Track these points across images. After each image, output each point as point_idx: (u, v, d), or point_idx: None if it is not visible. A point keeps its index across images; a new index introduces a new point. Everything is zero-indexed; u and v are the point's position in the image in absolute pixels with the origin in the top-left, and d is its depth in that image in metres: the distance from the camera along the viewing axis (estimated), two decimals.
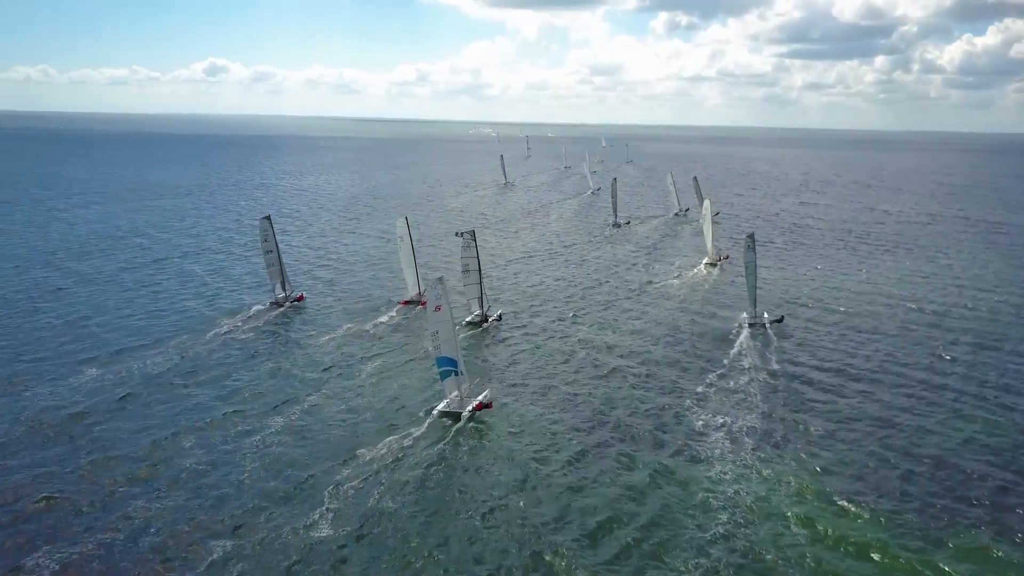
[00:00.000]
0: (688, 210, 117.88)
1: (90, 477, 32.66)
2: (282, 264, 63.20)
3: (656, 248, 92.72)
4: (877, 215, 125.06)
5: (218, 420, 38.93)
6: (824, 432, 37.94)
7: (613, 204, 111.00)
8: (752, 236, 57.56)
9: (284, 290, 62.56)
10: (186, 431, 37.28)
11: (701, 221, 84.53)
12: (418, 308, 59.84)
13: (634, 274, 76.63)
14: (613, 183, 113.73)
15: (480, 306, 58.31)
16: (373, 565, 27.03)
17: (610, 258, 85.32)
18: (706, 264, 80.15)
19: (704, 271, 78.08)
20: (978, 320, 59.82)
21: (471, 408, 39.23)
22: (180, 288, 67.11)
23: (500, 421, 39.02)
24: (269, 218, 63.17)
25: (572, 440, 36.82)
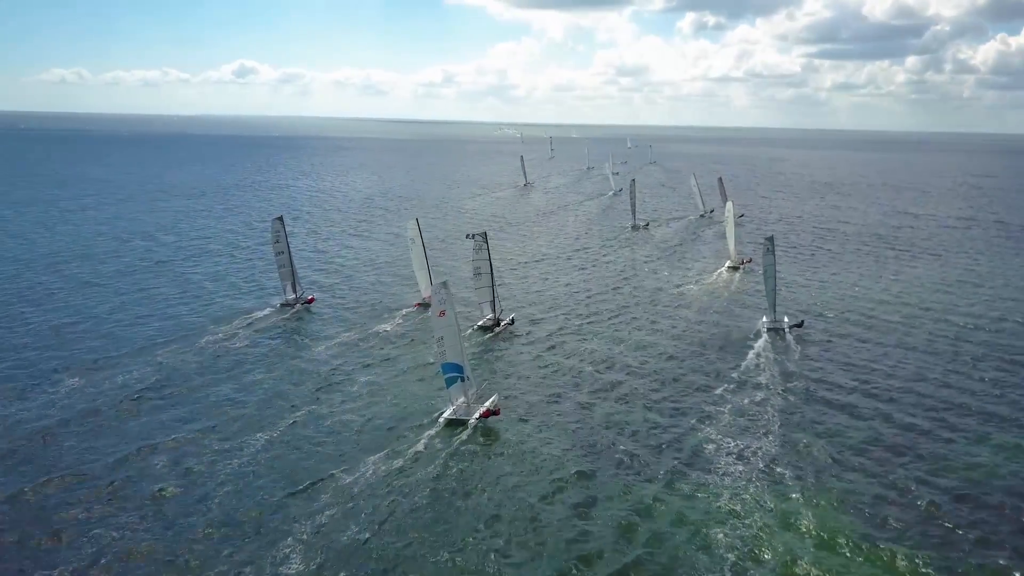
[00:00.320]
0: (713, 211, 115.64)
1: (37, 502, 30.41)
2: (293, 266, 62.44)
3: (676, 251, 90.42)
4: (906, 219, 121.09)
5: (206, 431, 37.36)
6: (840, 459, 34.94)
7: (632, 206, 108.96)
8: (771, 239, 56.12)
9: (294, 292, 61.71)
10: (162, 446, 35.38)
11: (724, 223, 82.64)
12: (430, 311, 58.88)
13: (651, 278, 74.42)
14: (631, 184, 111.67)
15: (492, 310, 56.91)
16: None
17: (627, 262, 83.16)
18: (728, 267, 78.17)
19: (725, 274, 75.93)
20: (1010, 334, 55.84)
21: (478, 415, 38.08)
22: (180, 292, 65.51)
23: (507, 429, 37.79)
24: (281, 219, 62.39)
25: (579, 456, 34.98)
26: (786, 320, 56.12)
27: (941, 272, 78.18)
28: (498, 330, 55.56)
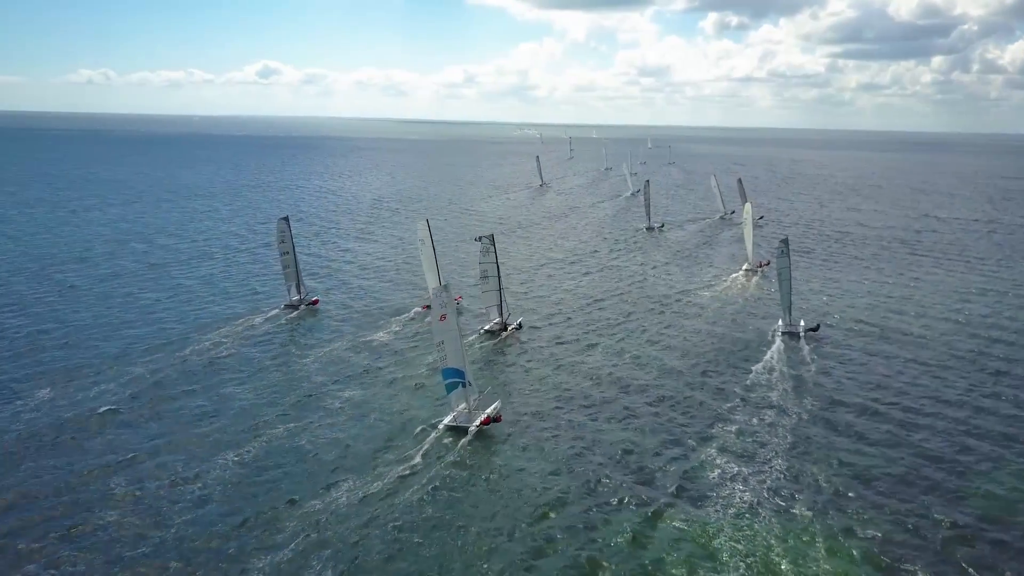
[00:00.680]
0: (734, 212, 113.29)
1: None
2: (298, 267, 61.88)
3: (691, 255, 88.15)
4: (929, 222, 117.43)
5: (200, 435, 36.50)
6: (850, 490, 32.02)
7: (646, 207, 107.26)
8: (786, 240, 54.98)
9: (299, 293, 61.07)
10: (123, 466, 33.40)
11: (742, 226, 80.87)
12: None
13: (664, 283, 72.40)
14: (646, 185, 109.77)
15: (499, 314, 55.59)
16: None
17: (640, 265, 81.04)
18: (745, 270, 76.45)
19: (742, 278, 74.14)
20: None
21: (478, 423, 37.11)
22: (170, 296, 63.83)
23: (508, 439, 36.79)
24: (287, 219, 61.79)
25: (576, 477, 33.18)
26: (802, 324, 54.96)
27: (963, 279, 74.96)
28: (505, 335, 54.23)
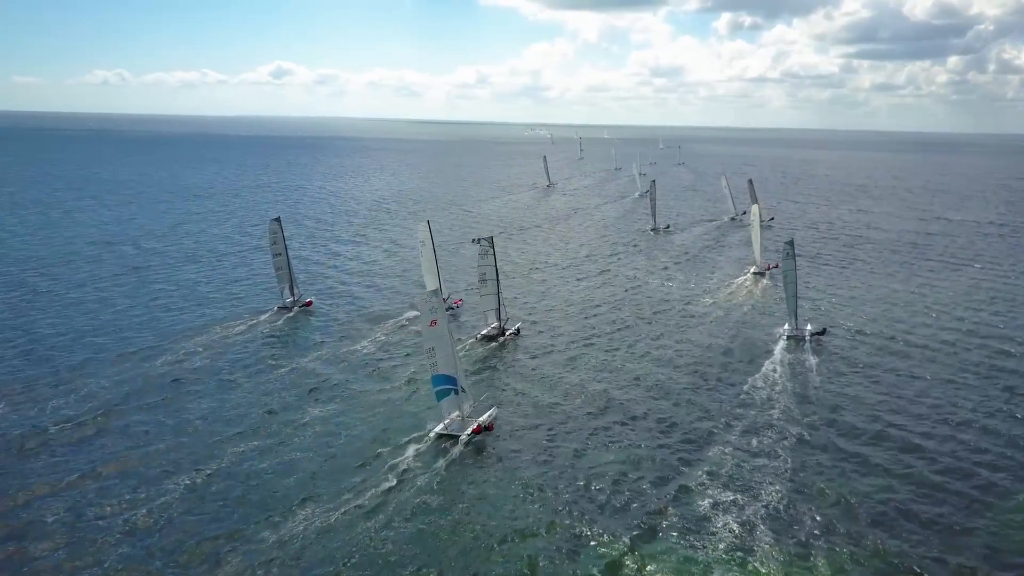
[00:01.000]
0: (745, 214, 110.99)
1: None
2: (291, 268, 60.93)
3: (697, 258, 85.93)
4: (942, 225, 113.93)
5: (155, 453, 34.70)
6: (851, 519, 29.51)
7: (652, 209, 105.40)
8: (791, 242, 54.06)
9: (292, 295, 60.13)
10: (65, 489, 31.21)
11: (749, 228, 79.31)
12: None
13: (670, 285, 70.66)
14: (651, 186, 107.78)
15: (497, 318, 54.21)
16: None
17: (646, 268, 79.23)
18: (753, 273, 75.04)
19: (750, 281, 72.67)
20: None
21: (470, 431, 35.93)
22: (150, 300, 62.12)
23: (498, 450, 35.32)
24: (279, 220, 60.82)
25: (568, 494, 31.41)
26: (808, 328, 53.65)
27: (975, 285, 71.60)
28: (502, 340, 52.95)
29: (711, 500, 30.93)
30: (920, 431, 38.09)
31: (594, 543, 27.85)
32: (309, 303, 60.82)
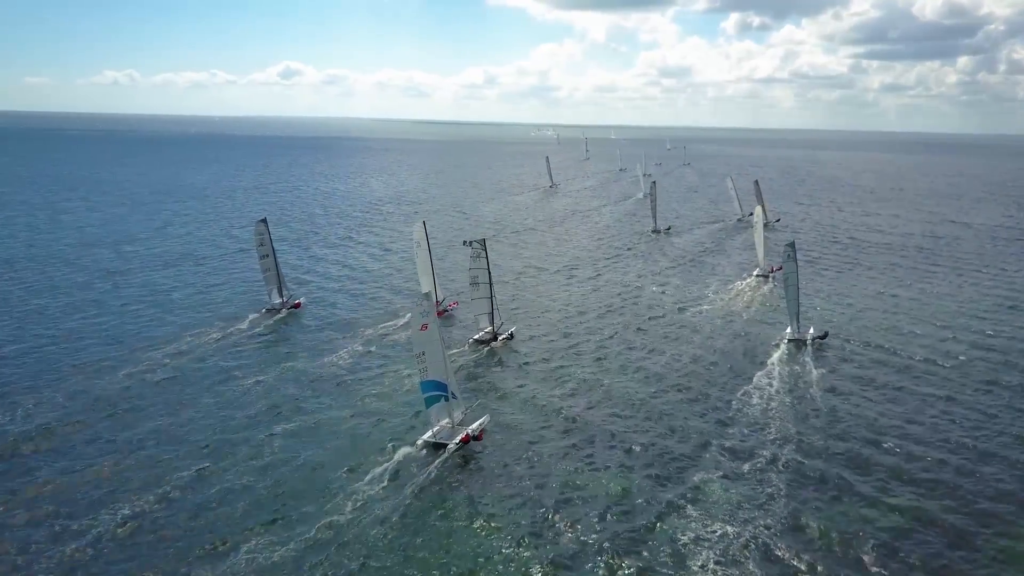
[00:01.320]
0: (751, 215, 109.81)
1: None
2: (279, 269, 59.86)
3: (699, 259, 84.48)
4: (951, 228, 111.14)
5: (151, 455, 33.95)
6: (847, 559, 27.19)
7: (652, 210, 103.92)
8: (792, 244, 52.82)
9: (281, 296, 58.87)
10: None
11: (752, 229, 77.72)
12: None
13: (669, 288, 69.22)
14: (652, 187, 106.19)
15: (490, 322, 52.77)
16: None
17: (645, 270, 77.72)
18: (756, 276, 73.65)
19: (753, 284, 71.38)
20: None
21: (458, 440, 34.72)
22: (119, 305, 59.87)
23: (486, 462, 34.09)
24: (265, 221, 59.82)
25: (550, 513, 29.94)
26: (811, 332, 52.63)
27: (982, 292, 69.02)
28: (495, 344, 51.53)
29: (692, 535, 28.74)
30: (916, 454, 35.47)
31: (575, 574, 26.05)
32: (298, 305, 59.86)
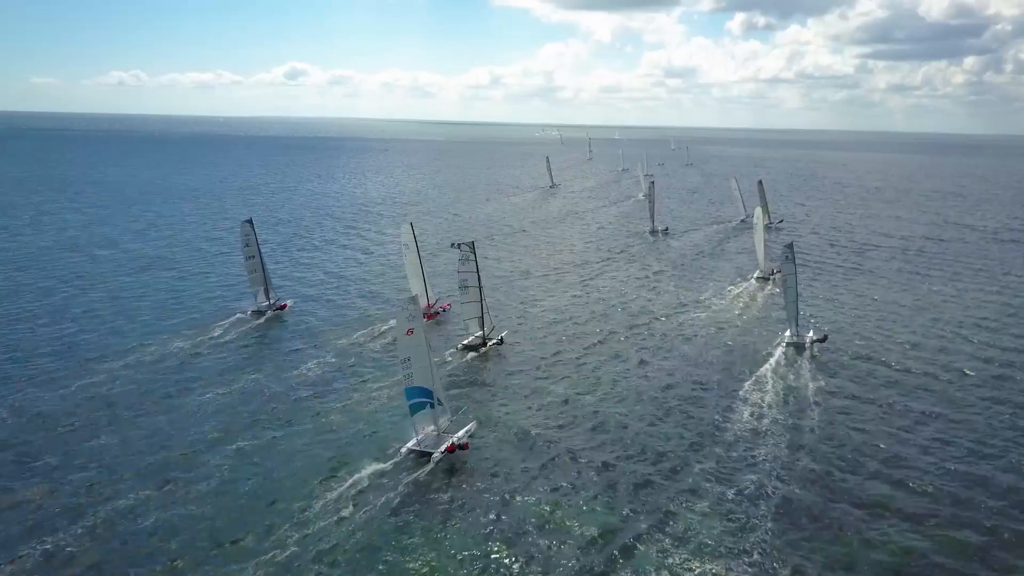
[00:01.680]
0: (752, 216, 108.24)
1: None
2: (265, 271, 58.95)
3: (697, 261, 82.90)
4: (956, 231, 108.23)
5: (123, 457, 33.36)
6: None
7: (651, 210, 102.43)
8: (791, 246, 52.05)
9: (267, 298, 57.84)
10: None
11: (753, 230, 76.20)
12: (424, 321, 54.34)
13: (668, 291, 67.78)
14: (650, 188, 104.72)
15: (480, 327, 51.26)
16: None
17: (641, 273, 76.01)
18: (757, 278, 72.16)
19: (753, 287, 70.03)
20: None
21: (443, 449, 33.74)
22: (81, 311, 57.57)
23: (472, 470, 33.14)
24: (251, 221, 58.92)
25: (532, 537, 28.40)
26: (810, 335, 51.60)
27: (988, 298, 66.29)
28: (484, 350, 49.92)
29: (679, 557, 27.20)
30: (913, 480, 33.00)
31: None
32: (284, 306, 58.76)
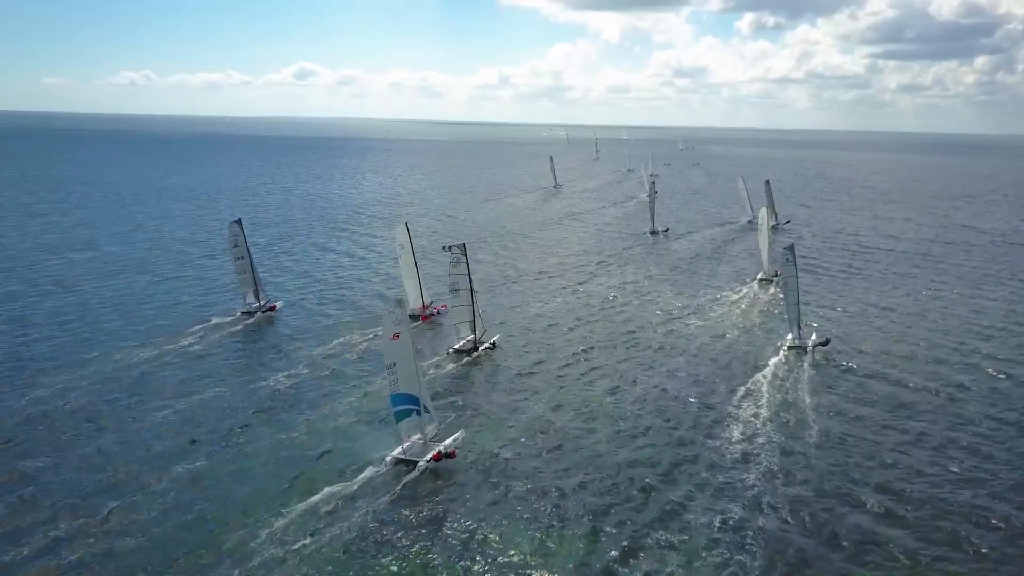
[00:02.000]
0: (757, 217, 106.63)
1: None
2: (255, 271, 58.25)
3: (698, 263, 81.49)
4: (964, 234, 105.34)
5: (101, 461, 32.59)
6: None
7: (651, 211, 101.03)
8: (791, 247, 51.04)
9: (257, 299, 57.23)
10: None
11: (758, 232, 74.60)
12: (419, 323, 54.86)
13: (666, 294, 66.36)
14: (651, 188, 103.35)
15: (471, 330, 49.90)
16: None
17: (641, 275, 74.69)
18: (760, 280, 70.77)
19: (757, 287, 68.60)
20: None
21: (429, 457, 32.75)
22: (48, 317, 55.67)
23: (458, 480, 32.15)
24: (239, 222, 58.22)
25: (526, 540, 27.45)
26: (812, 338, 50.56)
27: (994, 305, 63.68)
28: (476, 355, 48.58)
29: (681, 565, 25.90)
30: (912, 496, 31.45)
31: None
32: (273, 307, 57.56)
